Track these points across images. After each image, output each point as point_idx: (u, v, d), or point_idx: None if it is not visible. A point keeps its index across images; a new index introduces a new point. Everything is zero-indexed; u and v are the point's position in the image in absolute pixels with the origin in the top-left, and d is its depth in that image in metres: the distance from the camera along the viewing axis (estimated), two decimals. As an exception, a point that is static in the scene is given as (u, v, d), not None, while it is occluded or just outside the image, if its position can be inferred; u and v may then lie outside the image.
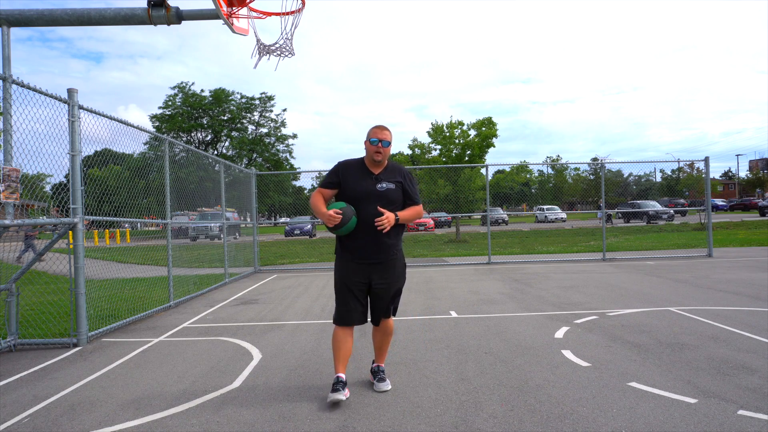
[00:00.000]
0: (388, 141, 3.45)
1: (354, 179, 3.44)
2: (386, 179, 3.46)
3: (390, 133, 3.50)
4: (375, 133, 3.45)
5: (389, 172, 3.51)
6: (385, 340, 3.67)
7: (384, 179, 3.46)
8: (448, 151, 21.47)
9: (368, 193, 3.38)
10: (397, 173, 3.54)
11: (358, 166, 3.51)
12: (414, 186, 3.59)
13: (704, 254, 12.11)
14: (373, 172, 3.47)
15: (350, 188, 3.43)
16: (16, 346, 5.03)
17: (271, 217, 44.81)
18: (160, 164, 7.50)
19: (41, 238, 12.74)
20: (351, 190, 3.42)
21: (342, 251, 3.49)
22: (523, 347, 4.50)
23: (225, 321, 6.21)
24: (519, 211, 45.19)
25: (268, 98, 51.32)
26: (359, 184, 3.42)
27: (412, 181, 3.59)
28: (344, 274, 3.45)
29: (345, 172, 3.48)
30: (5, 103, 4.50)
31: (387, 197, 3.41)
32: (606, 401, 3.19)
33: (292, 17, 6.20)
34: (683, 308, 5.95)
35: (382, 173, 3.49)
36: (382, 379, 3.61)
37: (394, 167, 3.58)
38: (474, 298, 7.12)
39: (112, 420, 3.16)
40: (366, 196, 3.37)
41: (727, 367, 3.77)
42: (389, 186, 3.44)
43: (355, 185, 3.42)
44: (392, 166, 3.57)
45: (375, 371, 3.70)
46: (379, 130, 3.47)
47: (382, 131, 3.46)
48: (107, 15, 5.64)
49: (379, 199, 3.38)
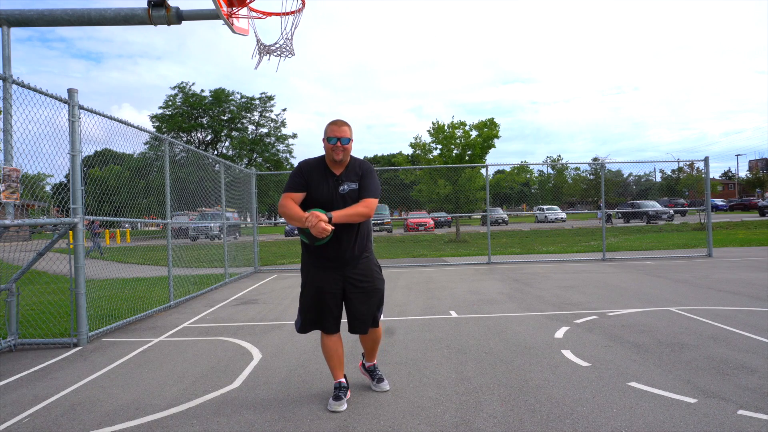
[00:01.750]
0: (348, 138, 3.16)
1: (316, 182, 3.18)
2: (348, 179, 3.21)
3: (349, 128, 3.20)
4: (332, 131, 3.15)
5: (350, 171, 3.24)
6: (375, 346, 3.55)
7: (345, 180, 3.20)
8: (448, 151, 21.48)
9: (331, 197, 3.16)
10: (358, 169, 3.26)
11: (319, 167, 3.22)
12: (370, 179, 3.24)
13: (704, 254, 12.11)
14: (334, 172, 3.22)
15: (313, 192, 3.18)
16: (16, 346, 5.03)
17: (271, 217, 44.81)
18: (160, 164, 7.50)
19: (41, 238, 12.79)
20: (314, 193, 3.18)
21: (309, 257, 3.28)
22: (523, 347, 4.50)
23: (225, 321, 6.21)
24: (519, 211, 45.18)
25: (268, 98, 51.32)
26: (321, 187, 3.17)
27: (371, 175, 3.26)
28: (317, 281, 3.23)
29: (308, 173, 3.19)
30: (5, 103, 4.50)
31: (350, 199, 3.18)
32: (606, 401, 3.20)
33: (292, 17, 6.20)
34: (683, 308, 5.95)
35: (344, 173, 3.22)
36: (381, 379, 3.57)
37: (355, 164, 3.28)
38: (474, 298, 7.12)
39: (112, 420, 3.16)
40: (329, 200, 3.15)
41: (727, 367, 3.77)
42: (351, 186, 3.20)
43: (317, 188, 3.17)
44: (353, 164, 3.28)
45: (372, 371, 3.62)
46: (336, 127, 3.16)
47: (339, 128, 3.16)
48: (107, 15, 5.64)
49: (343, 203, 3.16)
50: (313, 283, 3.25)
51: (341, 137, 3.14)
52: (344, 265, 3.23)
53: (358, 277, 3.24)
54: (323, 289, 3.22)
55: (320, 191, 3.17)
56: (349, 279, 3.24)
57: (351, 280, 3.24)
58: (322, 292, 3.22)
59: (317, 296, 3.24)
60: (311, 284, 3.26)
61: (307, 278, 3.30)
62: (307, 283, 3.29)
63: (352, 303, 3.26)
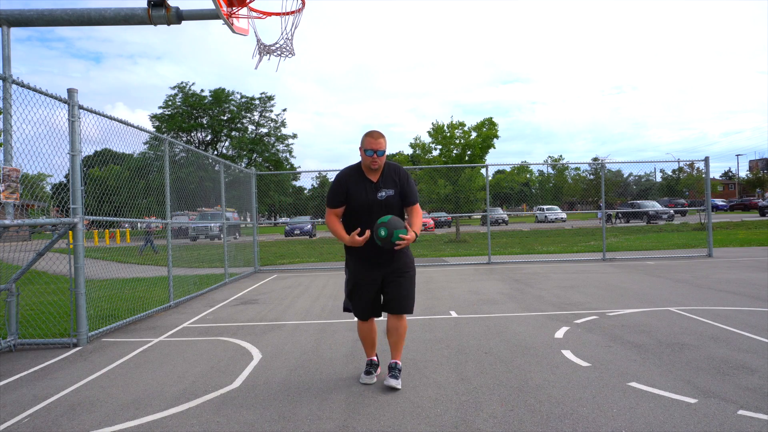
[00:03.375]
0: (383, 150, 3.44)
1: (354, 190, 3.48)
2: (385, 186, 3.51)
3: (384, 140, 3.47)
4: (369, 144, 3.43)
5: (387, 177, 3.54)
6: (401, 339, 3.71)
7: (383, 186, 3.51)
8: (448, 151, 21.48)
9: (370, 204, 3.47)
10: (395, 175, 3.56)
11: (357, 175, 3.52)
12: (411, 185, 3.60)
13: (704, 254, 12.11)
14: (371, 179, 3.51)
15: (353, 199, 3.48)
16: (16, 346, 5.03)
17: (271, 217, 44.82)
18: (160, 164, 7.50)
19: (41, 238, 12.79)
20: (354, 201, 3.48)
21: (351, 254, 3.62)
22: (523, 347, 4.50)
23: (225, 321, 6.21)
24: (519, 211, 45.19)
25: (268, 98, 51.37)
26: (361, 194, 3.47)
27: (409, 181, 3.60)
28: (359, 274, 3.57)
29: (347, 184, 3.51)
30: (5, 103, 4.50)
31: (388, 204, 3.50)
32: (606, 401, 3.19)
33: (292, 17, 6.20)
34: (683, 308, 5.95)
35: (381, 179, 3.52)
36: (395, 377, 3.60)
37: (391, 169, 3.57)
38: (474, 298, 7.12)
39: (112, 420, 3.16)
40: (368, 206, 3.46)
41: (727, 367, 3.77)
42: (389, 193, 3.50)
43: (357, 196, 3.47)
44: (389, 169, 3.57)
45: (392, 367, 3.66)
46: (373, 140, 3.43)
47: (376, 141, 3.42)
48: (107, 15, 5.64)
49: (382, 208, 3.47)
50: (356, 277, 3.60)
51: (377, 150, 3.43)
52: (384, 262, 3.55)
53: (397, 271, 3.58)
54: (365, 281, 3.56)
55: (359, 198, 3.48)
56: (389, 272, 3.57)
57: (390, 273, 3.57)
58: (363, 284, 3.57)
59: (360, 288, 3.59)
60: (354, 278, 3.61)
61: (350, 274, 3.65)
62: (351, 277, 3.64)
63: (392, 289, 3.57)
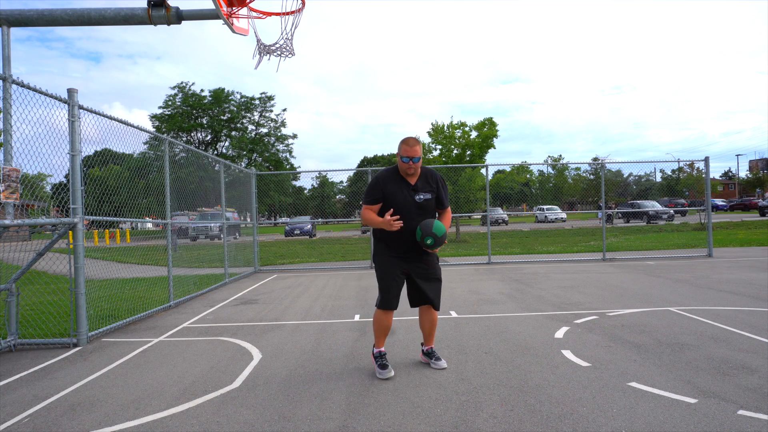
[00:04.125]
0: (419, 157, 3.65)
1: (392, 192, 3.68)
2: (423, 189, 3.73)
3: (420, 146, 3.69)
4: (406, 151, 3.64)
5: (425, 181, 3.76)
6: (433, 327, 4.01)
7: (421, 189, 3.73)
8: (448, 151, 21.47)
9: (408, 204, 3.68)
10: (431, 180, 3.78)
11: (395, 178, 3.73)
12: (446, 191, 3.88)
13: (704, 254, 12.11)
14: (409, 182, 3.73)
15: (391, 200, 3.68)
16: (16, 346, 5.03)
17: (271, 217, 44.81)
18: (160, 164, 7.50)
19: (41, 238, 12.82)
20: (391, 202, 3.67)
21: (384, 248, 3.80)
22: (523, 347, 4.50)
23: (225, 321, 6.21)
24: (519, 211, 45.17)
25: (268, 98, 51.35)
26: (398, 195, 3.68)
27: (444, 187, 3.87)
28: (388, 267, 3.77)
29: (384, 185, 3.70)
30: (5, 103, 4.50)
31: (425, 207, 3.73)
32: (606, 401, 3.19)
33: (292, 17, 6.20)
34: (683, 308, 5.95)
35: (419, 182, 3.74)
36: (438, 358, 4.01)
37: (427, 174, 3.80)
38: (474, 298, 7.12)
39: (112, 420, 3.16)
40: (406, 207, 3.67)
41: (727, 367, 3.77)
42: (426, 196, 3.73)
43: (394, 197, 3.67)
44: (425, 174, 3.79)
45: (430, 353, 4.05)
46: (408, 147, 3.63)
47: (412, 148, 3.63)
48: (107, 15, 5.63)
49: (418, 209, 3.69)
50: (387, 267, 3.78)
51: (413, 156, 3.64)
52: (412, 258, 3.78)
53: (423, 268, 3.80)
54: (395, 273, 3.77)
55: (397, 199, 3.68)
56: (416, 269, 3.79)
57: (417, 271, 3.79)
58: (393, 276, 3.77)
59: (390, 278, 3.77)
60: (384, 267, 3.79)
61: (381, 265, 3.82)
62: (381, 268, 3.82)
63: (421, 286, 3.80)
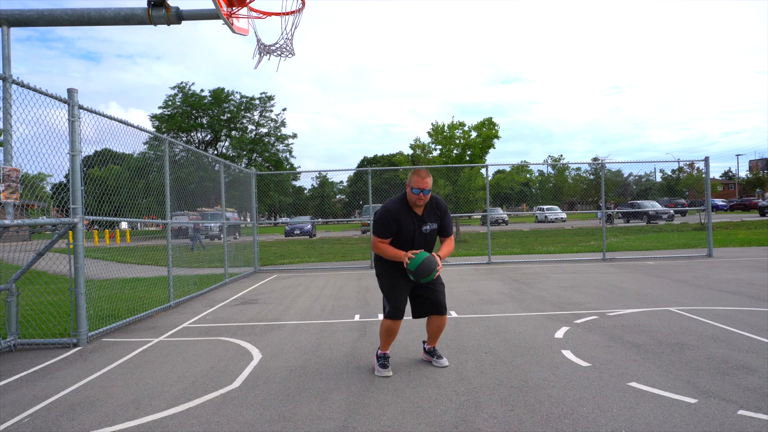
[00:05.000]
0: (429, 189, 3.73)
1: (403, 223, 3.76)
2: (429, 219, 3.83)
3: (431, 179, 3.76)
4: (416, 183, 3.70)
5: (430, 211, 3.85)
6: (440, 331, 4.07)
7: (427, 219, 3.82)
8: (448, 151, 21.46)
9: (414, 234, 3.79)
10: (437, 209, 3.87)
11: (403, 209, 3.79)
12: (449, 219, 3.96)
13: (704, 254, 12.11)
14: (416, 213, 3.81)
15: (400, 231, 3.77)
16: (16, 346, 5.03)
17: (271, 217, 44.82)
18: (160, 164, 7.50)
19: (41, 238, 12.82)
20: (400, 233, 3.77)
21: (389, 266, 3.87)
22: (523, 347, 4.50)
23: (225, 321, 6.21)
24: (519, 211, 45.17)
25: (268, 98, 51.32)
26: (407, 227, 3.77)
27: (448, 214, 3.94)
28: (393, 278, 3.85)
29: (397, 218, 3.77)
30: (5, 103, 4.50)
31: (429, 236, 3.86)
32: (606, 401, 3.19)
33: (292, 17, 6.20)
34: (683, 308, 5.95)
35: (425, 213, 3.83)
36: (440, 357, 4.11)
37: (433, 204, 3.87)
38: (474, 298, 7.12)
39: (112, 420, 3.16)
40: (413, 237, 3.79)
41: (727, 367, 3.77)
42: (432, 227, 3.84)
43: (404, 228, 3.76)
44: (431, 204, 3.86)
45: (432, 352, 4.16)
46: (419, 178, 3.70)
47: (423, 180, 3.70)
48: (107, 15, 5.63)
49: (423, 239, 3.82)
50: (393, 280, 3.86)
51: (424, 188, 3.70)
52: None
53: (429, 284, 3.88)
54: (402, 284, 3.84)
55: (406, 230, 3.77)
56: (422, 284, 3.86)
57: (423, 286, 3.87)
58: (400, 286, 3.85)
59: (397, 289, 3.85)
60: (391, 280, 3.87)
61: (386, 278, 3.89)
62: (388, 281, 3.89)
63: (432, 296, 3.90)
